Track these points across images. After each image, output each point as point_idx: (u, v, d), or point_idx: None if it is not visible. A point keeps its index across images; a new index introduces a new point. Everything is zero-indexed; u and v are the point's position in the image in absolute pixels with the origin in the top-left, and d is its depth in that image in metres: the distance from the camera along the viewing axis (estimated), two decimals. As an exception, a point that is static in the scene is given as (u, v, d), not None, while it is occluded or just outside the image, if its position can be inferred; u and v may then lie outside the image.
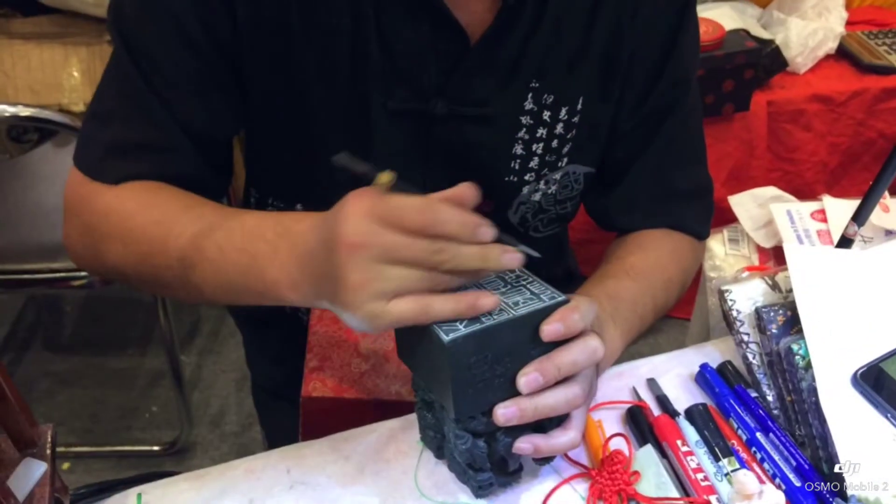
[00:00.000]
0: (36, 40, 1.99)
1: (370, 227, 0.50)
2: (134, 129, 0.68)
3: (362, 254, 0.49)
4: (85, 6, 1.94)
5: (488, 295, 0.52)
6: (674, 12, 0.72)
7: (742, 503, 0.45)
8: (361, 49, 0.66)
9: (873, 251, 0.71)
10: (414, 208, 0.50)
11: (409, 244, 0.50)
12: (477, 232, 0.51)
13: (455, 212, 0.51)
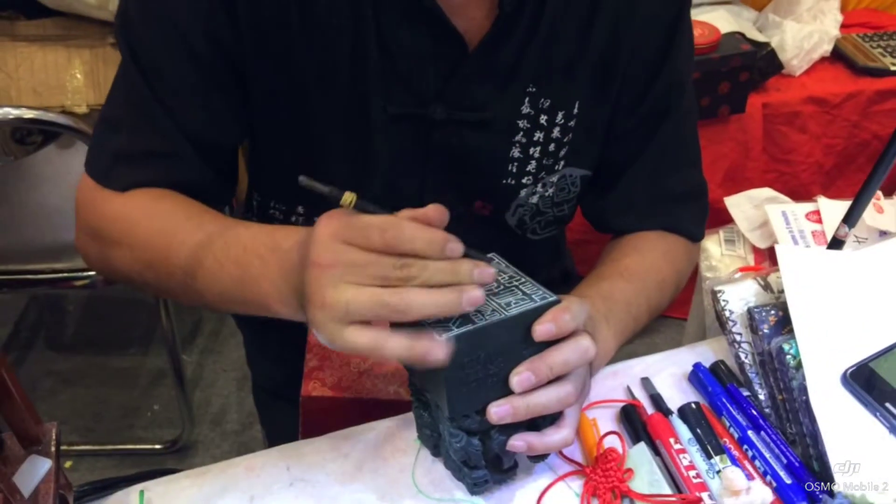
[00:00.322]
0: (39, 43, 2.00)
1: (337, 248, 0.51)
2: (140, 136, 0.70)
3: (329, 272, 0.51)
4: (88, 9, 1.94)
5: (436, 345, 0.51)
6: (669, 18, 0.73)
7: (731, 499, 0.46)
8: (361, 55, 0.67)
9: (864, 252, 0.72)
10: (377, 227, 0.51)
11: (375, 261, 0.51)
12: (445, 248, 0.51)
13: (420, 229, 0.51)
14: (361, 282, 0.51)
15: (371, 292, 0.50)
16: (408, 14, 0.66)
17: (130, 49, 0.68)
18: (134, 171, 0.70)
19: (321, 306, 0.51)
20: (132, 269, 0.70)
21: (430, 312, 0.51)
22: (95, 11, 1.96)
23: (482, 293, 0.52)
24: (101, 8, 1.95)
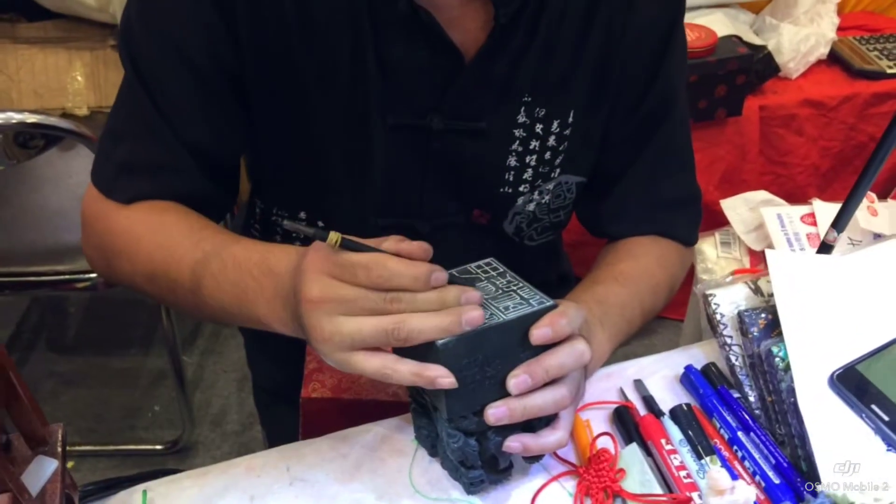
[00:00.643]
0: (40, 45, 2.01)
1: (325, 283, 0.54)
2: (143, 149, 0.71)
3: (322, 308, 0.54)
4: (89, 11, 1.96)
5: (442, 374, 0.54)
6: (662, 31, 0.74)
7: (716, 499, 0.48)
8: (360, 67, 0.69)
9: (852, 257, 0.73)
10: (363, 266, 0.53)
11: (364, 296, 0.53)
12: (430, 281, 0.54)
13: (404, 265, 0.54)
14: (355, 314, 0.53)
15: (374, 322, 0.53)
16: (405, 28, 0.67)
17: (133, 63, 0.70)
18: (137, 184, 0.72)
19: (322, 340, 0.54)
20: (135, 280, 0.72)
21: (433, 336, 0.53)
22: (96, 14, 1.98)
23: (481, 312, 0.54)
24: (101, 10, 1.96)
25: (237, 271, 0.63)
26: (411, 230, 0.79)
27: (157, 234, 0.70)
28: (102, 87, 2.06)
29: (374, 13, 0.67)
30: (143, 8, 0.69)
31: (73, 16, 1.98)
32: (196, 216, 0.72)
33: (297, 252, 0.60)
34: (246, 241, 0.68)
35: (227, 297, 0.64)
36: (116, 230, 0.72)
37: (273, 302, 0.60)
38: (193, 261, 0.66)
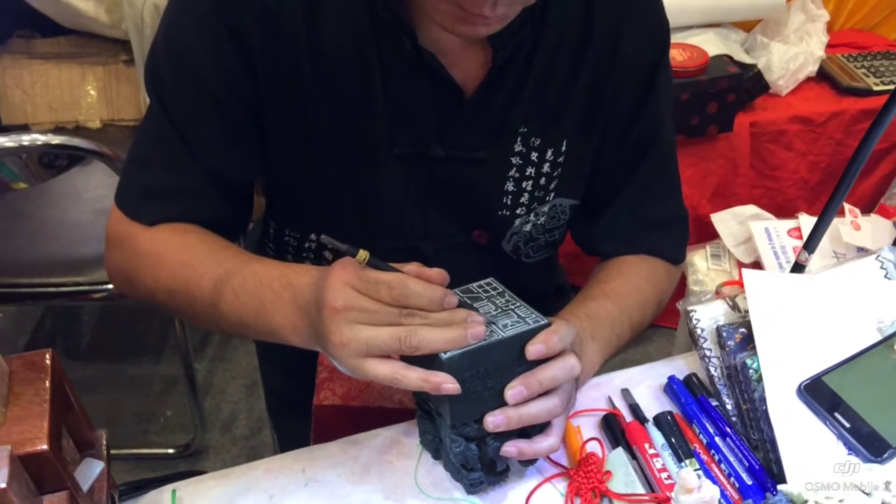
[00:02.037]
0: (54, 60, 2.06)
1: (349, 294, 0.60)
2: (167, 175, 0.77)
3: (344, 316, 0.59)
4: (101, 28, 2.01)
5: (447, 380, 0.60)
6: (648, 66, 0.80)
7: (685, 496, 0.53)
8: (369, 101, 0.75)
9: (821, 276, 0.79)
10: (386, 284, 0.60)
11: (384, 309, 0.60)
12: (443, 303, 0.61)
13: (423, 286, 0.60)
14: (374, 324, 0.59)
15: (388, 331, 0.59)
16: (411, 67, 0.73)
17: (159, 98, 0.76)
18: (161, 207, 0.77)
19: (340, 345, 0.59)
20: (157, 296, 0.77)
21: (441, 347, 0.60)
22: (108, 30, 2.03)
23: (483, 329, 0.61)
24: (114, 27, 2.02)
25: (257, 285, 0.69)
26: (416, 250, 0.85)
27: (180, 253, 0.76)
28: (114, 100, 2.12)
29: (382, 54, 0.73)
30: (169, 45, 0.74)
31: (85, 32, 2.04)
32: (216, 237, 0.78)
33: (317, 269, 0.66)
34: (265, 259, 0.74)
35: (245, 309, 0.69)
36: (141, 250, 0.77)
37: (290, 312, 0.66)
38: (215, 276, 0.72)
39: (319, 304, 0.61)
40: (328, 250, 0.88)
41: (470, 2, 0.61)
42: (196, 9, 0.72)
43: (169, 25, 0.74)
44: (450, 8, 0.63)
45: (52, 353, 0.55)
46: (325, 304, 0.60)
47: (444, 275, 0.63)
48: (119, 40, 2.05)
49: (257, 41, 0.72)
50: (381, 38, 0.72)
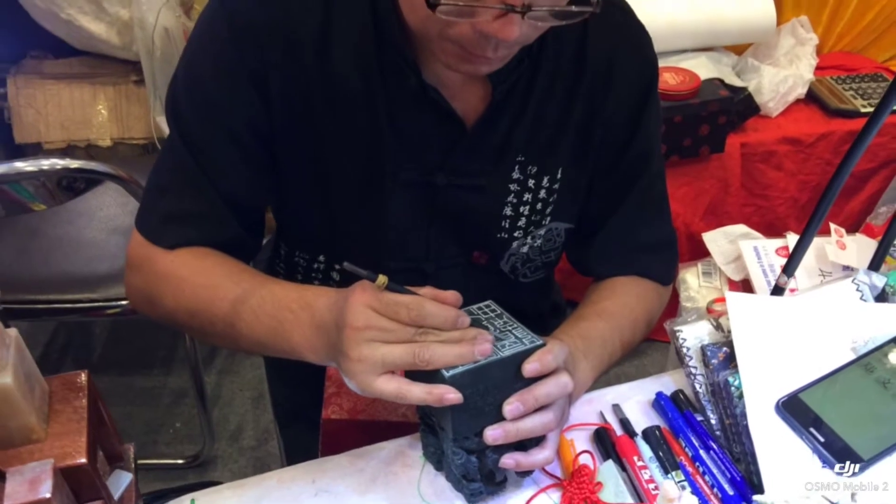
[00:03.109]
0: (66, 80, 2.11)
1: (369, 315, 0.65)
2: (186, 202, 0.81)
3: (364, 335, 0.64)
4: (113, 49, 2.06)
5: (450, 391, 0.64)
6: (637, 101, 0.85)
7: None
8: (376, 132, 0.80)
9: (800, 298, 0.84)
10: (405, 305, 0.65)
11: (401, 328, 0.65)
12: (456, 323, 0.66)
13: (438, 308, 0.65)
14: (390, 342, 0.64)
15: (403, 347, 0.64)
16: (415, 100, 0.78)
17: (179, 130, 0.80)
18: (180, 231, 0.82)
19: (358, 360, 0.64)
20: (177, 317, 0.81)
21: (451, 361, 0.64)
22: (120, 52, 2.09)
23: (490, 346, 0.66)
24: (125, 49, 2.07)
25: (276, 305, 0.73)
26: (419, 270, 0.90)
27: (200, 275, 0.80)
28: (124, 119, 2.17)
29: (388, 88, 0.78)
30: (189, 79, 0.79)
31: (97, 53, 2.09)
32: (233, 260, 0.83)
33: (335, 291, 0.71)
34: (281, 281, 0.78)
35: (263, 328, 0.74)
36: (162, 272, 0.82)
37: (308, 331, 0.71)
38: (234, 297, 0.76)
39: (340, 324, 0.66)
40: (335, 271, 0.93)
41: (474, 44, 0.66)
42: (215, 45, 0.76)
43: (189, 60, 0.79)
44: (454, 49, 0.68)
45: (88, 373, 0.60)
46: (347, 324, 0.65)
47: (458, 296, 0.68)
48: (129, 61, 2.10)
49: (273, 77, 0.76)
50: (387, 74, 0.77)
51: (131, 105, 2.16)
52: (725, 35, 1.86)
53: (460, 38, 0.66)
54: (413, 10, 0.67)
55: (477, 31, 0.64)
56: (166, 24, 1.94)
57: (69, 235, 1.53)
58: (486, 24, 0.63)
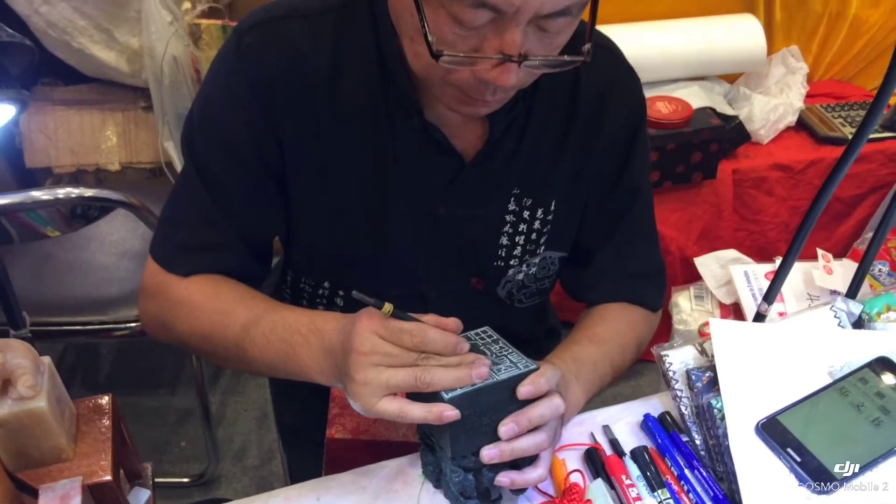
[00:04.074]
0: (76, 107, 2.16)
1: (374, 341, 0.69)
2: (200, 233, 0.86)
3: (369, 359, 0.68)
4: (122, 77, 2.12)
5: (448, 408, 0.68)
6: (627, 138, 0.90)
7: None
8: (381, 167, 0.84)
9: (780, 325, 0.89)
10: (408, 332, 0.69)
11: (404, 353, 0.69)
12: (457, 348, 0.70)
13: (440, 334, 0.70)
14: (394, 366, 0.68)
15: (406, 371, 0.68)
16: (418, 137, 0.83)
17: (194, 163, 0.85)
18: (195, 260, 0.87)
19: (363, 383, 0.68)
20: (191, 340, 0.86)
21: (450, 384, 0.68)
22: (129, 79, 2.14)
23: (486, 369, 0.70)
24: (134, 76, 2.13)
25: (286, 330, 0.78)
26: (420, 296, 0.95)
27: (213, 300, 0.85)
28: (133, 144, 2.22)
29: (393, 126, 0.83)
30: (205, 116, 0.84)
31: (106, 80, 2.15)
32: (244, 286, 0.87)
33: (343, 317, 0.75)
34: (291, 306, 0.83)
35: (274, 351, 0.78)
36: (177, 298, 0.86)
37: (317, 354, 0.75)
38: (246, 321, 0.80)
39: (347, 349, 0.70)
40: (339, 297, 0.97)
41: (474, 89, 0.71)
42: (231, 85, 0.81)
43: (205, 101, 0.84)
44: (455, 93, 0.73)
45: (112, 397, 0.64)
46: (353, 348, 0.69)
47: (458, 323, 0.73)
48: (138, 88, 2.16)
49: (286, 119, 0.81)
50: (392, 114, 0.82)
51: (139, 130, 2.21)
52: (717, 65, 1.92)
53: (461, 84, 0.71)
54: (417, 57, 0.72)
55: (477, 77, 0.69)
56: (175, 53, 2.00)
57: (81, 260, 1.58)
58: (486, 71, 0.67)
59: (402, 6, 0.68)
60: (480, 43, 0.66)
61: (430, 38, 0.64)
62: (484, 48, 0.66)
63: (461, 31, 0.65)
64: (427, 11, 0.64)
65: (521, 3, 0.61)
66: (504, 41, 0.64)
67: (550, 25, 0.65)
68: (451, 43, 0.66)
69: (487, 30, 0.65)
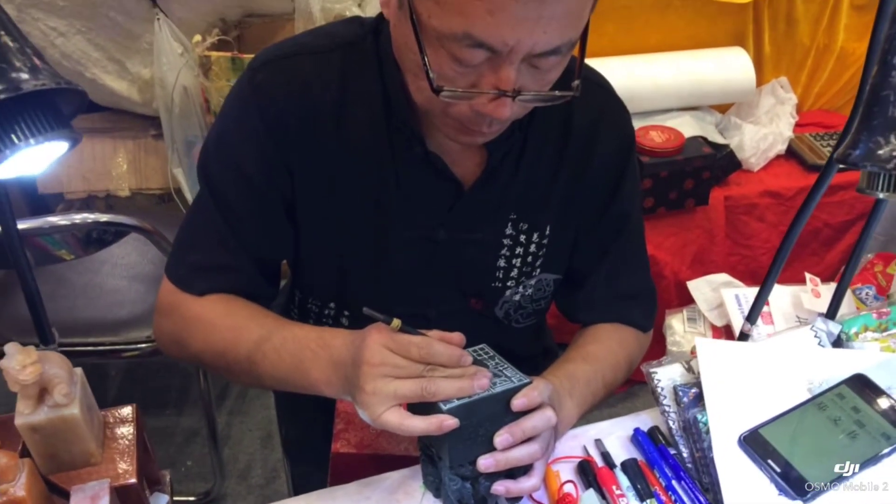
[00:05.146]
0: (89, 134, 2.21)
1: (384, 353, 0.74)
2: (214, 255, 0.91)
3: (379, 370, 0.73)
4: (133, 106, 2.18)
5: (448, 418, 0.72)
6: (617, 166, 0.95)
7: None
8: (385, 193, 0.89)
9: (762, 344, 0.94)
10: (416, 345, 0.74)
11: (412, 365, 0.74)
12: (460, 360, 0.75)
13: (445, 347, 0.75)
14: (401, 377, 0.73)
15: (412, 381, 0.73)
16: (419, 165, 0.88)
17: (209, 187, 0.90)
18: (208, 280, 0.92)
19: (372, 393, 0.73)
20: (205, 356, 0.91)
21: (453, 394, 0.73)
22: (140, 108, 2.20)
23: (488, 381, 0.75)
24: (145, 105, 2.19)
25: (297, 345, 0.83)
26: (421, 315, 0.99)
27: (227, 318, 0.90)
28: (143, 171, 2.27)
29: (396, 156, 0.88)
30: (220, 145, 0.89)
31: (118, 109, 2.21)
32: (255, 305, 0.92)
33: (350, 333, 0.80)
34: (300, 323, 0.87)
35: (285, 365, 0.83)
36: (191, 316, 0.91)
37: (326, 368, 0.80)
38: (258, 337, 0.85)
39: (357, 361, 0.75)
40: (345, 317, 1.02)
41: (471, 121, 0.77)
42: (244, 117, 0.86)
43: (221, 129, 0.89)
44: (455, 124, 0.78)
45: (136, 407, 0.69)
46: (363, 361, 0.74)
47: (462, 337, 0.78)
48: (148, 116, 2.22)
49: (296, 150, 0.87)
50: (396, 143, 0.87)
51: (149, 157, 2.26)
52: (708, 96, 1.98)
53: (460, 116, 0.76)
54: (420, 92, 0.77)
55: (474, 110, 0.74)
56: (185, 83, 2.06)
57: (94, 283, 1.63)
58: (482, 105, 0.73)
59: (406, 45, 0.73)
60: (478, 79, 0.71)
61: (431, 75, 0.70)
62: (481, 84, 0.71)
63: (460, 69, 0.70)
64: (428, 51, 0.70)
65: (514, 43, 0.66)
66: (499, 78, 0.70)
67: (542, 63, 0.70)
68: (451, 79, 0.71)
69: (484, 67, 0.70)
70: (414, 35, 0.69)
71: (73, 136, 0.59)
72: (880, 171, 0.68)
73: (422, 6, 0.67)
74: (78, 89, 0.59)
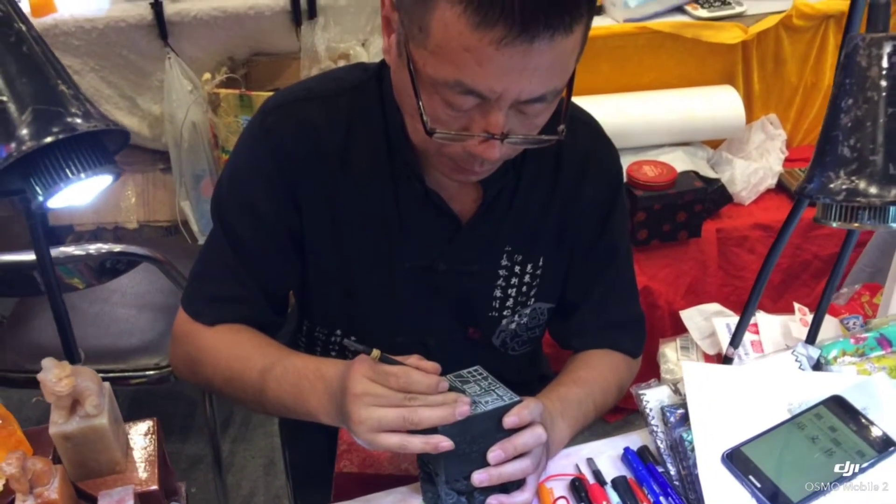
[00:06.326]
0: (99, 169, 2.29)
1: (366, 384, 0.78)
2: (226, 287, 0.97)
3: (362, 400, 0.78)
4: (143, 141, 2.26)
5: (444, 439, 0.77)
6: (605, 202, 1.00)
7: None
8: (387, 228, 0.95)
9: (745, 368, 0.98)
10: (394, 375, 0.78)
11: (392, 394, 0.78)
12: (437, 388, 0.79)
13: (422, 376, 0.79)
14: (383, 406, 0.77)
15: (395, 411, 0.77)
16: (419, 201, 0.94)
17: (221, 222, 0.95)
18: (219, 311, 0.97)
19: (359, 422, 0.77)
20: (214, 382, 0.96)
21: (435, 423, 0.77)
22: (150, 143, 2.28)
23: (468, 408, 0.78)
24: (154, 140, 2.27)
25: (296, 376, 0.88)
26: (422, 344, 1.04)
27: (234, 348, 0.95)
28: (151, 203, 2.34)
29: (397, 192, 0.94)
30: (232, 183, 0.95)
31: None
32: (263, 335, 0.98)
33: (343, 363, 0.85)
34: (301, 354, 0.93)
35: (286, 395, 0.88)
36: (203, 345, 0.97)
37: (322, 398, 0.85)
38: (262, 367, 0.90)
39: (343, 391, 0.80)
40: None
41: (464, 160, 0.82)
42: (256, 157, 0.92)
43: (233, 167, 0.95)
44: (449, 163, 0.84)
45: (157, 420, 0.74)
46: (348, 391, 0.79)
47: (436, 366, 0.82)
48: (157, 151, 2.30)
49: (305, 188, 0.92)
50: (397, 180, 0.93)
51: (157, 190, 2.33)
52: (699, 132, 2.05)
53: (453, 156, 0.82)
54: (416, 132, 0.82)
55: (466, 151, 0.79)
56: (194, 119, 2.14)
57: (104, 311, 1.67)
58: (473, 146, 0.78)
59: (404, 90, 0.79)
60: (469, 123, 0.77)
61: (425, 118, 0.75)
62: (472, 127, 0.77)
63: (452, 113, 0.76)
64: (423, 96, 0.76)
65: (502, 91, 0.72)
66: (489, 122, 0.75)
67: (529, 109, 0.76)
68: (444, 122, 0.77)
69: (475, 112, 0.76)
70: (410, 81, 0.75)
71: (116, 170, 0.65)
72: (832, 203, 0.74)
73: (418, 55, 0.73)
74: (122, 130, 0.65)
